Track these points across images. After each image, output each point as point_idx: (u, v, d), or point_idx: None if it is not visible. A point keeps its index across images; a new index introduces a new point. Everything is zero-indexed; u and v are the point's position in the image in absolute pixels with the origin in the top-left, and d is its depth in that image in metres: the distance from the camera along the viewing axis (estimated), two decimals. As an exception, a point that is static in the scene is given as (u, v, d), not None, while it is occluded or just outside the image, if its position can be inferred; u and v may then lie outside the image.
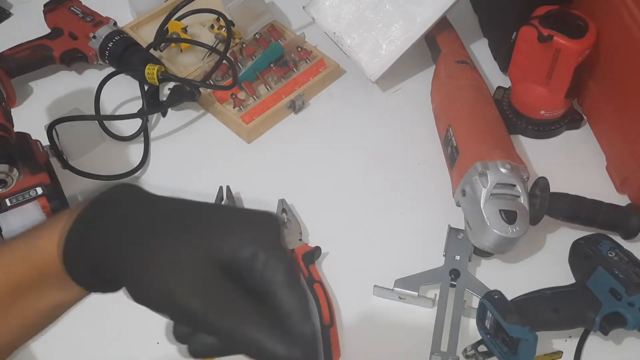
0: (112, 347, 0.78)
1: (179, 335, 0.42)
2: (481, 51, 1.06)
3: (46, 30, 1.06)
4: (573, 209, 0.83)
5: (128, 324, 0.79)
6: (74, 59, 1.03)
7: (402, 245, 0.85)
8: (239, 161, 0.95)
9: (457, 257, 0.81)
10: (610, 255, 0.78)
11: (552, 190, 0.82)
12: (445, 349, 0.75)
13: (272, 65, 1.01)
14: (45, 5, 1.08)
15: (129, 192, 0.45)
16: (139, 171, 0.93)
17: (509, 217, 0.77)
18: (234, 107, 0.97)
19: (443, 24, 1.00)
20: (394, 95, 1.02)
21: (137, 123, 0.97)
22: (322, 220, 0.88)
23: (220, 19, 1.02)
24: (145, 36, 1.06)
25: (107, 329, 0.78)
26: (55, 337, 0.76)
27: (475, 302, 0.78)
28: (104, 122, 0.97)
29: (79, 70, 1.06)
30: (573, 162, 0.94)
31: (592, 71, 0.93)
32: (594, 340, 0.77)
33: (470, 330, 0.78)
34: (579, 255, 0.81)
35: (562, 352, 0.76)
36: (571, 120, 0.96)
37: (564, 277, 0.81)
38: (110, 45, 1.02)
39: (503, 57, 1.01)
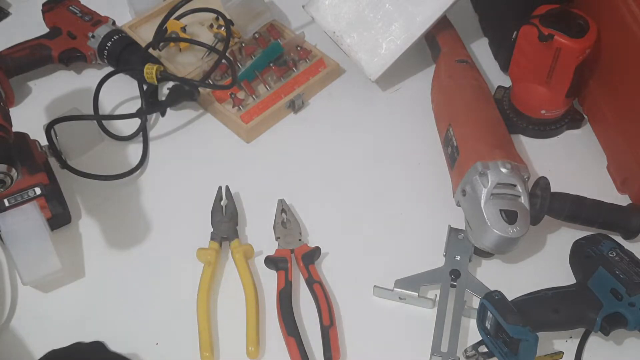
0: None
1: None
2: (481, 50, 1.06)
3: (45, 30, 1.06)
4: (574, 209, 0.83)
5: (127, 325, 0.79)
6: (73, 59, 1.03)
7: (402, 246, 0.85)
8: (238, 161, 0.95)
9: (458, 258, 0.81)
10: (611, 255, 0.78)
11: (552, 190, 0.81)
12: (446, 350, 0.74)
13: (271, 64, 1.00)
14: (43, 5, 1.08)
15: None
16: (138, 171, 0.93)
17: (510, 217, 0.77)
18: (233, 107, 0.97)
19: (443, 23, 1.00)
20: (393, 95, 1.02)
21: (136, 123, 0.97)
22: (322, 220, 0.87)
23: (220, 18, 1.02)
24: (144, 35, 1.06)
25: (107, 329, 0.78)
26: (55, 338, 0.76)
27: (475, 302, 0.77)
28: (103, 121, 0.96)
29: (77, 69, 1.05)
30: (574, 162, 0.93)
31: (593, 70, 0.92)
32: (595, 341, 0.77)
33: (471, 331, 0.77)
34: (579, 255, 0.81)
35: (562, 353, 0.76)
36: (572, 120, 0.96)
37: (564, 277, 0.80)
38: (108, 44, 1.01)
39: (503, 56, 1.01)
